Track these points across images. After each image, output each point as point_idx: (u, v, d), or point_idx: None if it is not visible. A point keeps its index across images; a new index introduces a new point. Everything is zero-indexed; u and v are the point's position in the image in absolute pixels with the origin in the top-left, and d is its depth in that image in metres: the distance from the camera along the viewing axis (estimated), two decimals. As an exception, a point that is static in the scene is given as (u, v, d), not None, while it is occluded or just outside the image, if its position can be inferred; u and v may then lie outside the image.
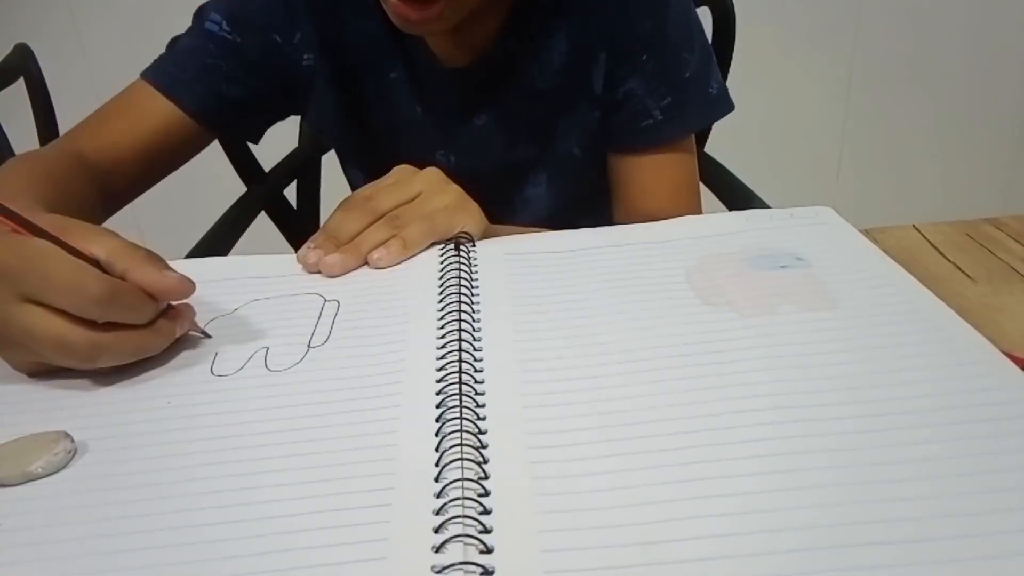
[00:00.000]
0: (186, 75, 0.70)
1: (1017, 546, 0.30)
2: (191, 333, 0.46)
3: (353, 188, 0.82)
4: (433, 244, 0.55)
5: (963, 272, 0.55)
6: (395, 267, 0.53)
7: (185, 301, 0.45)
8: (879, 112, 1.83)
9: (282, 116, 0.80)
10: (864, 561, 0.29)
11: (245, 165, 1.01)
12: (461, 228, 0.55)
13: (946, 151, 1.89)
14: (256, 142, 0.80)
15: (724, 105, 0.73)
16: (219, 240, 0.88)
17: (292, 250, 0.56)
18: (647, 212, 0.71)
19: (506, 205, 0.79)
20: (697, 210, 0.74)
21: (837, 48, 1.77)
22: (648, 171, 0.73)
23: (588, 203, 0.80)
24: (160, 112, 0.70)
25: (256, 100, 0.73)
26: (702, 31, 0.72)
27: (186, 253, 0.84)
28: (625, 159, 0.73)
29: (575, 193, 0.79)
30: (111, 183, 0.66)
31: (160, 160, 0.71)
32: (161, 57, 0.73)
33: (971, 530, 0.30)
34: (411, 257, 0.54)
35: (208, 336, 0.46)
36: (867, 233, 0.57)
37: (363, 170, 0.82)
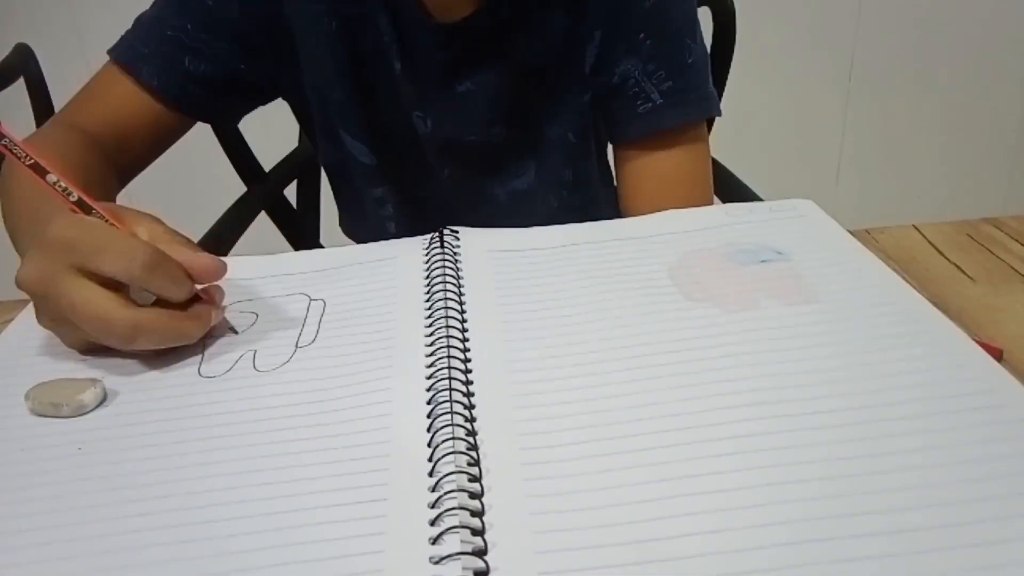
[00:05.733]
0: (147, 48, 0.67)
1: (999, 534, 0.30)
2: (219, 333, 0.46)
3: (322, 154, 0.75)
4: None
5: (963, 272, 0.54)
6: (380, 266, 0.52)
7: (218, 285, 0.46)
8: (879, 112, 1.83)
9: (257, 93, 0.74)
10: (853, 553, 0.30)
11: (245, 165, 1.01)
12: None
13: (946, 150, 1.88)
14: (234, 123, 0.75)
15: (717, 106, 0.69)
16: (219, 240, 0.88)
17: (292, 250, 0.56)
18: (652, 210, 0.68)
19: (491, 201, 0.75)
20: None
21: (837, 47, 1.77)
22: (651, 165, 0.68)
23: (585, 206, 0.77)
24: (130, 94, 0.67)
25: (226, 72, 0.68)
26: (701, 29, 0.70)
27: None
28: (627, 152, 0.68)
29: (567, 187, 0.74)
30: (118, 160, 0.66)
31: (149, 141, 0.69)
32: (129, 30, 0.69)
33: (954, 519, 0.31)
34: None
35: (236, 332, 0.46)
36: (867, 233, 0.57)
37: (352, 133, 0.74)
